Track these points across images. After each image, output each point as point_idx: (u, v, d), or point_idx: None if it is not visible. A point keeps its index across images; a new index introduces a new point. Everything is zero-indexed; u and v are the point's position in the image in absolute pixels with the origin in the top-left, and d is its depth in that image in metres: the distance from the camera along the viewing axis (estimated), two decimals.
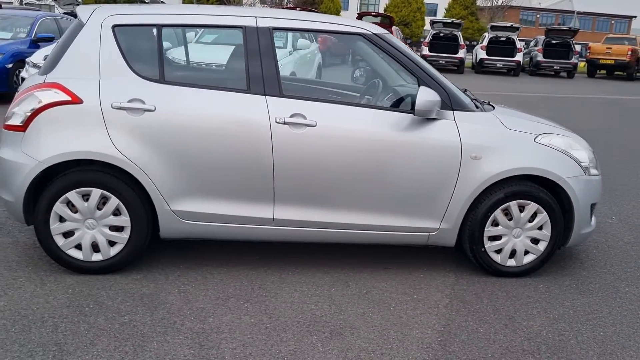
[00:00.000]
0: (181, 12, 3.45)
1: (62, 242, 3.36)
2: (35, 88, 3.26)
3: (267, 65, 3.38)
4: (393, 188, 3.47)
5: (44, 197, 3.27)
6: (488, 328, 3.09)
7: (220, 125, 3.29)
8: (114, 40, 3.32)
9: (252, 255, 3.84)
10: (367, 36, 3.54)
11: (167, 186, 3.32)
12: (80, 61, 3.30)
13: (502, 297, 3.47)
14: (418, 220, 3.57)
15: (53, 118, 3.23)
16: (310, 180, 3.40)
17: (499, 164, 3.51)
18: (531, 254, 3.71)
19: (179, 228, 3.43)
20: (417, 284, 3.58)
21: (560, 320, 3.22)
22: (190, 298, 3.23)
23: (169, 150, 3.28)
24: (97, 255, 3.41)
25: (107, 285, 3.31)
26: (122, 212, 3.35)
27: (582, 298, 3.52)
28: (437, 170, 3.48)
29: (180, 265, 3.64)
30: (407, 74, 3.55)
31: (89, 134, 3.23)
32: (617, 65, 23.56)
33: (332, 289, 3.44)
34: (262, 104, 3.34)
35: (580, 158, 3.69)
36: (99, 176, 3.28)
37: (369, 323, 3.08)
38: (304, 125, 3.34)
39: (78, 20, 3.46)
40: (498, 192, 3.56)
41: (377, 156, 3.41)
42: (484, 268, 3.71)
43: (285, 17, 3.49)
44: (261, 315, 3.09)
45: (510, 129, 3.60)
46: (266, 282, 3.48)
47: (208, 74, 3.86)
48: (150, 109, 3.25)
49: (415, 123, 3.45)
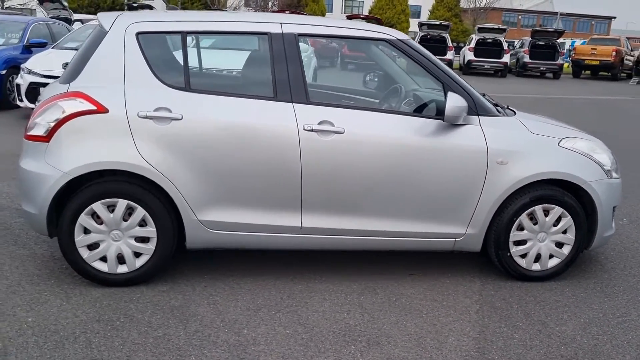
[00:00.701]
0: (205, 19, 3.40)
1: (86, 254, 3.29)
2: (59, 98, 3.19)
3: (294, 72, 3.34)
4: (420, 194, 3.46)
5: (68, 209, 3.20)
6: (522, 334, 3.08)
7: (248, 133, 3.25)
8: (139, 47, 3.26)
9: (276, 263, 3.80)
10: (392, 41, 3.52)
11: (194, 196, 3.27)
12: (104, 69, 3.24)
13: (530, 301, 3.47)
14: (445, 226, 3.55)
15: (78, 128, 3.16)
16: (338, 188, 3.37)
17: (525, 168, 3.51)
18: (555, 258, 3.72)
19: (206, 238, 3.37)
20: (444, 290, 3.56)
21: (591, 324, 3.23)
22: (220, 309, 3.18)
23: (196, 159, 3.23)
24: (122, 267, 3.34)
25: (134, 298, 3.25)
26: (148, 222, 3.29)
27: (609, 301, 3.53)
28: (464, 176, 3.47)
29: (205, 275, 3.58)
30: (432, 79, 3.53)
31: (115, 143, 3.17)
32: (601, 65, 23.88)
33: (361, 297, 3.42)
34: (290, 111, 3.30)
35: (602, 161, 3.71)
36: (124, 186, 3.22)
37: (404, 331, 3.05)
38: (332, 132, 3.31)
39: (99, 27, 3.40)
40: (523, 197, 3.56)
41: (405, 162, 3.40)
42: (509, 273, 3.71)
43: (310, 23, 3.47)
44: (295, 326, 3.05)
45: (535, 134, 3.61)
46: (294, 291, 3.44)
47: (232, 81, 3.81)
48: (177, 118, 3.19)
49: (442, 129, 3.44)
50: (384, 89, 4.54)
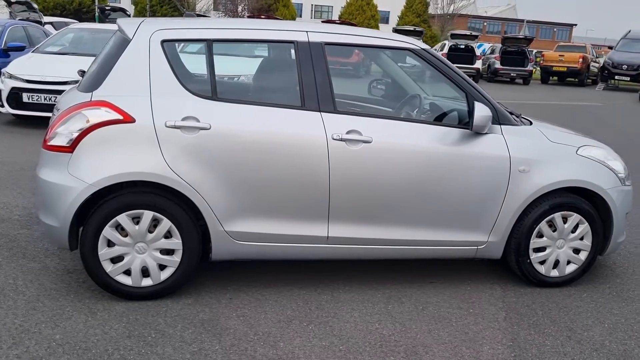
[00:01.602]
0: (231, 26, 3.35)
1: (110, 267, 3.19)
2: (83, 107, 3.08)
3: (321, 81, 3.32)
4: (446, 202, 3.47)
5: (92, 221, 3.10)
6: (553, 341, 3.12)
7: (277, 143, 3.21)
8: (164, 55, 3.19)
9: (297, 273, 3.76)
10: (417, 51, 3.54)
11: (221, 207, 3.21)
12: (128, 78, 3.16)
13: (553, 308, 3.51)
14: (468, 234, 3.58)
15: (103, 138, 3.06)
16: (365, 197, 3.36)
17: (546, 176, 3.56)
18: (573, 264, 3.79)
19: (232, 249, 3.31)
20: (468, 298, 3.58)
21: (616, 329, 3.29)
22: (251, 322, 3.12)
23: (223, 169, 3.17)
24: (146, 280, 3.25)
25: (161, 312, 3.16)
26: (174, 234, 3.21)
27: (627, 306, 3.60)
28: (488, 184, 3.50)
29: (228, 287, 3.52)
30: (455, 88, 3.56)
31: (142, 154, 3.09)
32: (569, 72, 24.51)
33: (388, 306, 3.41)
34: (318, 120, 3.28)
35: (617, 169, 3.80)
36: (150, 198, 3.14)
37: (439, 340, 3.06)
38: (360, 141, 3.30)
39: (121, 34, 3.31)
40: (543, 204, 3.61)
41: (432, 171, 3.41)
42: (528, 279, 3.75)
43: (336, 31, 3.45)
44: (331, 337, 3.01)
45: (554, 142, 3.67)
46: (321, 302, 3.41)
47: (257, 89, 3.75)
48: (205, 127, 3.13)
49: (467, 138, 3.46)
50: (392, 97, 4.56)
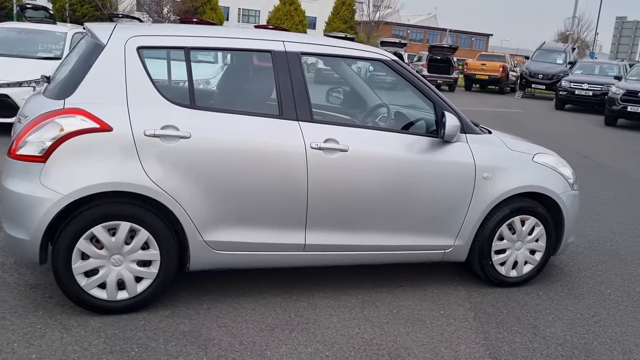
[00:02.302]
0: (209, 34, 3.32)
1: (84, 281, 3.07)
2: (56, 114, 2.96)
3: (298, 90, 3.36)
4: (417, 209, 3.60)
5: (66, 234, 2.98)
6: (522, 338, 3.31)
7: (257, 152, 3.22)
8: (141, 63, 3.12)
9: (270, 281, 3.76)
10: (388, 62, 3.65)
11: (201, 216, 3.18)
12: (104, 85, 3.06)
13: (515, 306, 3.72)
14: (436, 239, 3.73)
15: (79, 147, 2.95)
16: (341, 204, 3.43)
17: (507, 182, 3.78)
18: (529, 264, 4.03)
19: (211, 259, 3.28)
20: (437, 300, 3.73)
21: (574, 324, 3.54)
22: (234, 332, 3.11)
23: (203, 178, 3.15)
24: (122, 294, 3.16)
25: (139, 326, 3.08)
26: (151, 245, 3.14)
27: (579, 302, 3.88)
28: (455, 191, 3.66)
29: (204, 297, 3.48)
30: (423, 98, 3.70)
31: (120, 163, 3.00)
32: (490, 80, 25.76)
33: (364, 311, 3.49)
34: (297, 129, 3.31)
35: (566, 174, 4.08)
36: (127, 208, 3.06)
37: (417, 342, 3.17)
38: (337, 150, 3.36)
39: (93, 39, 3.20)
40: (504, 209, 3.82)
41: (404, 178, 3.53)
42: (490, 280, 3.95)
43: (312, 42, 3.50)
44: (315, 344, 3.05)
45: (513, 150, 3.89)
46: (298, 309, 3.44)
47: (235, 98, 3.72)
48: (185, 136, 3.09)
49: (435, 146, 3.61)
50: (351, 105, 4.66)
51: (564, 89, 19.21)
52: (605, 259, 4.78)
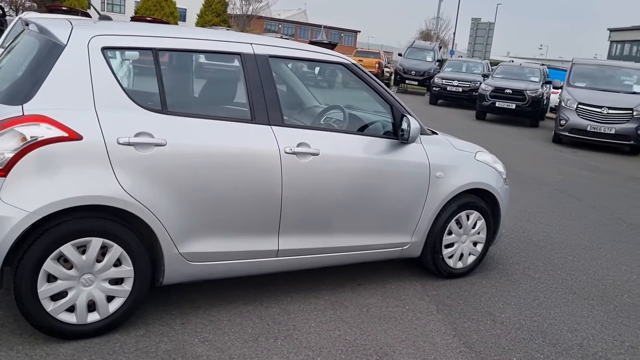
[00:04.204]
0: (176, 35, 3.14)
1: (51, 306, 2.78)
2: (15, 122, 2.63)
3: (269, 94, 3.30)
4: (380, 209, 3.71)
5: (30, 255, 2.68)
6: (484, 325, 3.56)
7: (233, 158, 3.12)
8: (106, 64, 2.87)
9: (233, 289, 3.66)
10: (348, 65, 3.70)
11: (177, 228, 3.01)
12: (67, 89, 2.78)
13: (468, 296, 3.98)
14: (395, 237, 3.86)
15: (45, 158, 2.66)
16: (313, 208, 3.43)
17: (456, 180, 4.01)
18: (472, 255, 4.31)
19: (185, 271, 3.13)
20: (398, 296, 3.86)
21: (522, 309, 3.86)
22: (218, 345, 3.00)
23: (179, 187, 2.98)
24: (93, 315, 2.91)
25: (116, 349, 2.86)
26: (124, 261, 2.92)
27: (517, 288, 4.23)
28: (413, 190, 3.82)
29: (172, 312, 3.30)
30: (380, 101, 3.80)
31: (92, 175, 2.75)
32: None
33: (337, 312, 3.53)
34: (270, 134, 3.25)
35: (501, 170, 4.42)
36: (99, 223, 2.82)
37: (397, 339, 3.28)
38: (309, 154, 3.35)
39: (47, 37, 2.88)
40: (453, 205, 4.06)
41: (370, 180, 3.61)
42: (440, 273, 4.18)
43: (279, 45, 3.45)
44: (304, 350, 3.04)
45: (458, 149, 4.14)
46: (273, 316, 3.39)
47: (205, 102, 3.51)
48: (161, 144, 2.91)
49: (395, 147, 3.73)
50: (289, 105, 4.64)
51: (436, 85, 20.52)
52: (523, 245, 5.25)
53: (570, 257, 5.05)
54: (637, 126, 12.09)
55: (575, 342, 3.45)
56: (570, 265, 4.82)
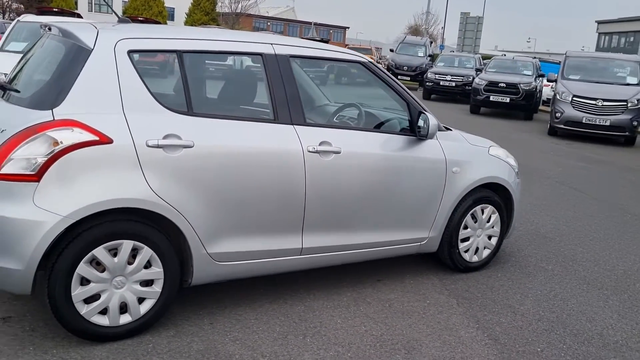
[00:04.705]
0: (200, 37, 3.16)
1: (85, 309, 2.80)
2: (47, 127, 2.64)
3: (291, 93, 3.32)
4: (400, 205, 3.75)
5: (64, 259, 2.69)
6: (505, 317, 3.61)
7: (258, 158, 3.14)
8: (133, 67, 2.89)
9: (256, 288, 3.68)
10: (366, 64, 3.73)
11: (204, 228, 3.04)
12: (95, 93, 2.79)
13: (486, 289, 4.03)
14: (414, 232, 3.91)
15: (77, 162, 2.67)
16: (335, 206, 3.47)
17: (471, 175, 4.06)
18: (487, 249, 4.37)
19: (213, 271, 3.15)
20: (417, 291, 3.91)
21: (540, 300, 3.92)
22: (249, 344, 3.03)
23: (206, 188, 3.01)
24: (124, 317, 2.93)
25: (149, 350, 2.88)
26: (154, 263, 2.94)
27: (533, 280, 4.29)
28: (431, 185, 3.87)
29: (199, 312, 3.33)
30: (397, 99, 3.83)
31: (123, 178, 2.77)
32: None
33: (360, 308, 3.57)
34: (293, 133, 3.28)
35: (513, 165, 4.48)
36: (130, 225, 2.84)
37: (423, 333, 3.32)
38: (331, 152, 3.39)
39: (73, 41, 2.89)
40: (468, 200, 4.11)
41: (390, 177, 3.65)
42: (457, 267, 4.23)
43: (299, 45, 3.48)
44: (334, 346, 3.08)
45: (472, 144, 4.19)
46: (299, 313, 3.42)
47: (228, 103, 3.52)
48: (188, 145, 2.93)
49: (413, 144, 3.77)
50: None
51: (430, 80, 20.59)
52: (533, 238, 5.31)
53: (580, 248, 5.12)
54: (632, 117, 12.22)
55: (595, 332, 3.52)
56: (580, 257, 4.89)
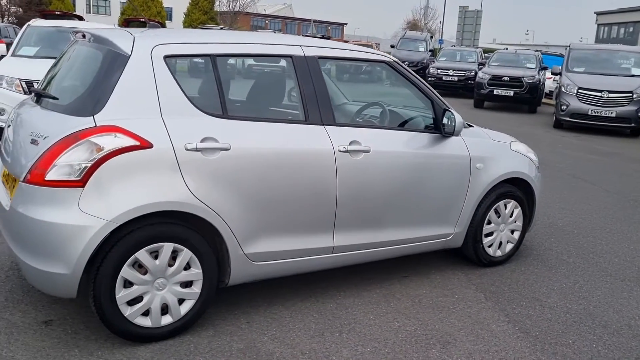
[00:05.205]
0: (231, 40, 3.20)
1: (128, 311, 2.85)
2: (90, 133, 2.69)
3: (321, 94, 3.37)
4: (427, 202, 3.80)
5: (108, 262, 2.74)
6: (533, 310, 3.66)
7: (291, 159, 3.19)
8: (169, 72, 2.93)
9: (285, 287, 3.73)
10: (391, 63, 3.78)
11: (241, 229, 3.09)
12: (134, 98, 2.84)
13: (512, 283, 4.08)
14: (440, 228, 3.96)
15: (119, 167, 2.72)
16: (365, 204, 3.52)
17: (495, 170, 4.11)
18: (510, 243, 4.42)
19: (250, 272, 3.21)
20: (445, 286, 3.96)
21: (566, 293, 3.97)
22: (288, 342, 3.08)
23: (242, 190, 3.05)
24: (166, 318, 2.98)
25: (191, 350, 2.94)
26: (193, 264, 2.99)
27: (556, 273, 4.34)
28: (456, 182, 3.92)
29: (234, 311, 3.38)
30: (421, 97, 3.88)
31: (163, 182, 2.81)
32: None
33: (391, 304, 3.62)
34: (323, 133, 3.33)
35: (534, 159, 4.52)
36: (170, 228, 2.89)
37: (455, 327, 3.37)
38: (361, 151, 3.43)
39: (109, 47, 2.93)
40: (491, 195, 4.16)
41: (417, 174, 3.70)
42: (481, 261, 4.28)
43: (327, 46, 3.52)
44: (371, 342, 3.13)
45: (495, 140, 4.23)
46: (332, 311, 3.48)
47: (258, 105, 3.57)
48: (225, 148, 2.97)
49: (438, 141, 3.82)
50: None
51: (432, 75, 20.61)
52: (551, 231, 5.36)
53: (599, 240, 5.17)
54: (637, 108, 12.27)
55: (623, 323, 3.57)
56: (600, 249, 4.94)
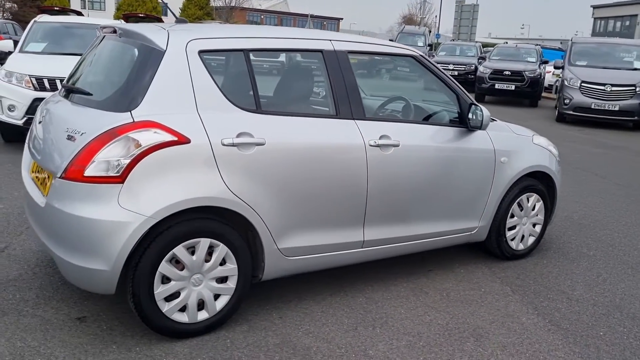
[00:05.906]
0: (263, 35, 3.19)
1: (166, 307, 2.85)
2: (128, 129, 2.68)
3: (351, 89, 3.36)
4: (454, 196, 3.81)
5: (147, 258, 2.73)
6: (561, 303, 3.68)
7: (324, 153, 3.19)
8: (204, 67, 2.92)
9: (316, 282, 3.73)
10: (417, 57, 3.78)
11: (276, 224, 3.08)
12: (170, 94, 2.82)
13: (536, 276, 4.10)
14: (465, 222, 3.97)
15: (157, 163, 2.71)
16: (394, 198, 3.52)
17: (518, 164, 4.12)
18: (532, 237, 4.43)
19: (283, 266, 3.20)
20: (470, 279, 3.97)
21: (591, 285, 3.99)
22: (324, 336, 3.08)
23: (277, 185, 3.05)
24: (202, 314, 2.98)
25: (229, 345, 2.94)
26: (229, 260, 2.99)
27: (578, 265, 4.36)
28: (481, 175, 3.92)
29: (266, 307, 3.38)
30: (447, 91, 3.88)
31: (201, 177, 2.81)
32: None
33: (420, 298, 3.63)
34: (354, 128, 3.33)
35: (555, 153, 4.54)
36: (206, 223, 2.88)
37: (486, 320, 3.38)
38: (390, 146, 3.43)
39: (144, 43, 2.92)
40: (515, 189, 4.17)
41: (444, 169, 3.70)
42: (504, 255, 4.29)
43: (356, 40, 3.52)
44: (405, 336, 3.14)
45: (517, 134, 4.24)
46: (362, 305, 3.48)
47: (290, 100, 3.55)
48: (260, 143, 2.97)
49: (464, 135, 3.82)
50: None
51: None
52: (568, 225, 5.38)
53: (616, 233, 5.19)
54: None
55: None
56: (618, 242, 4.97)
